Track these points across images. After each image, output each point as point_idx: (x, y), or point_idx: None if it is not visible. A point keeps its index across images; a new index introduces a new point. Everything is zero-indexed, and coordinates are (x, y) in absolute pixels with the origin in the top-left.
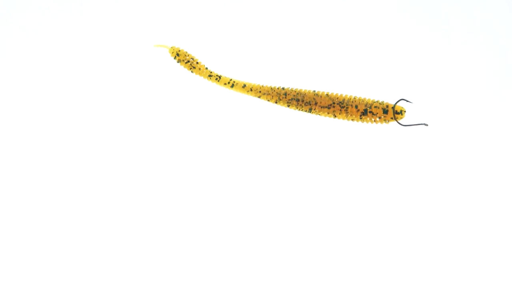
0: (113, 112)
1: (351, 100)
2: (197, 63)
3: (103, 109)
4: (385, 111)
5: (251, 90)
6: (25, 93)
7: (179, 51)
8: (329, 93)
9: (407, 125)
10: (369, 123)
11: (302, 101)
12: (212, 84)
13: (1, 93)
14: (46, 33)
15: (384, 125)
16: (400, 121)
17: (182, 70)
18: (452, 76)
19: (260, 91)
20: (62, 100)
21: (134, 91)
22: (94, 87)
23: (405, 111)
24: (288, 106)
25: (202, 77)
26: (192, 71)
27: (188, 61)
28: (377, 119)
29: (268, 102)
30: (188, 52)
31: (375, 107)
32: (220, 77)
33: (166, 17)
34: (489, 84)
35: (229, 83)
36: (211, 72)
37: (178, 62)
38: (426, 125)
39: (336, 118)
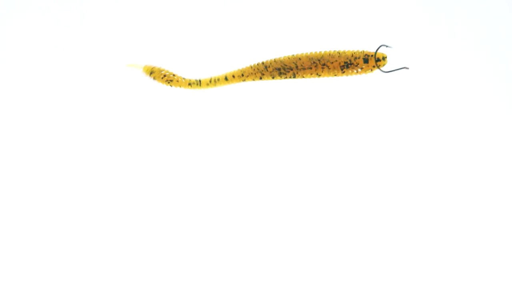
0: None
1: (331, 55)
2: (173, 75)
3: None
4: (366, 61)
5: (234, 77)
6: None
7: (153, 68)
8: (308, 53)
9: (389, 71)
10: (353, 75)
11: (284, 68)
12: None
13: None
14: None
15: (368, 74)
16: (383, 68)
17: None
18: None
19: (242, 75)
20: (45, 103)
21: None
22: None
23: (386, 57)
24: (273, 78)
25: (182, 88)
26: (170, 85)
27: (165, 75)
28: (359, 70)
29: (253, 81)
30: (162, 67)
31: (355, 58)
32: (200, 81)
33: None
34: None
35: (210, 82)
36: (190, 81)
37: (154, 79)
38: (407, 68)
39: (320, 77)
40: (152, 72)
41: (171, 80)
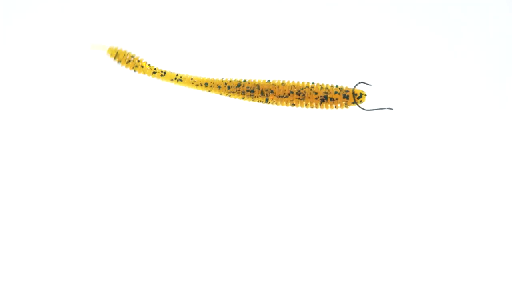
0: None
1: (309, 87)
2: (138, 61)
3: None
4: (346, 96)
5: (200, 84)
6: None
7: (118, 50)
8: (285, 82)
9: (371, 110)
10: (330, 109)
11: (258, 91)
12: (157, 82)
13: None
14: None
15: (346, 110)
16: (362, 105)
17: (124, 71)
18: (413, 57)
19: (210, 86)
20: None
21: (75, 94)
22: (31, 91)
23: (365, 95)
24: (243, 98)
25: (146, 75)
26: (134, 70)
27: (129, 60)
28: (338, 105)
29: (220, 95)
30: (128, 51)
31: (335, 92)
32: (165, 73)
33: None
34: (452, 63)
35: (175, 78)
36: (155, 69)
37: (118, 62)
38: (391, 109)
39: (295, 107)
40: (117, 55)
41: (136, 66)
